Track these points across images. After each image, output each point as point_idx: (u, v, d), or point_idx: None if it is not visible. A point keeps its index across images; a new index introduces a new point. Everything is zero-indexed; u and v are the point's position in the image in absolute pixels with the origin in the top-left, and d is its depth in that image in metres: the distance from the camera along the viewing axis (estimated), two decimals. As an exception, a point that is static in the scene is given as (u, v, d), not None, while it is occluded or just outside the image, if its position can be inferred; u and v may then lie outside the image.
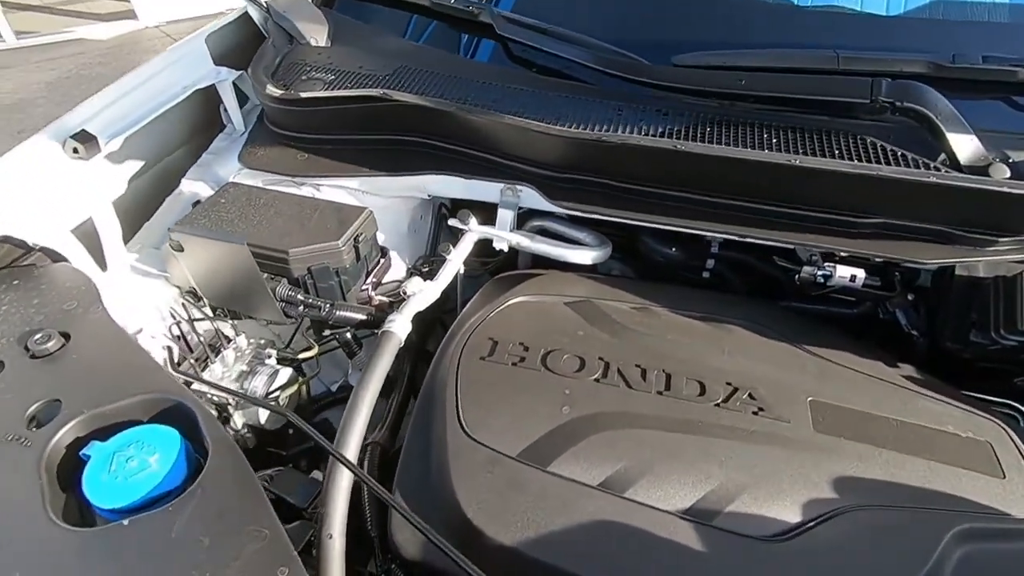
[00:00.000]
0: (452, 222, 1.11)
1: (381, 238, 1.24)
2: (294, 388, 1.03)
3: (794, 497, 0.74)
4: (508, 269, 1.25)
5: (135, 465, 0.63)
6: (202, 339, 1.04)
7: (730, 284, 1.27)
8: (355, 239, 1.00)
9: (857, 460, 0.78)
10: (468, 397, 0.88)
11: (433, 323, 1.18)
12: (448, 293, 1.11)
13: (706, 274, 1.29)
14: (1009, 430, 0.83)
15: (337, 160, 1.15)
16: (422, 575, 0.76)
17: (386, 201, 1.24)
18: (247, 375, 1.00)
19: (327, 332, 1.08)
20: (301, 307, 0.99)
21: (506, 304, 1.05)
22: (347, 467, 0.74)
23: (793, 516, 0.73)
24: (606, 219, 1.09)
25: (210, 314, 1.07)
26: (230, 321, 1.08)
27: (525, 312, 1.04)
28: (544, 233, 1.23)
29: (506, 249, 1.16)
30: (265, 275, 0.99)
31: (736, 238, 1.00)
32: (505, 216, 1.14)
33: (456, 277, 1.29)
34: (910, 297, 1.01)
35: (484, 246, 1.25)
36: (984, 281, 0.89)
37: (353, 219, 1.01)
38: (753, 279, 1.26)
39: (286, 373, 1.04)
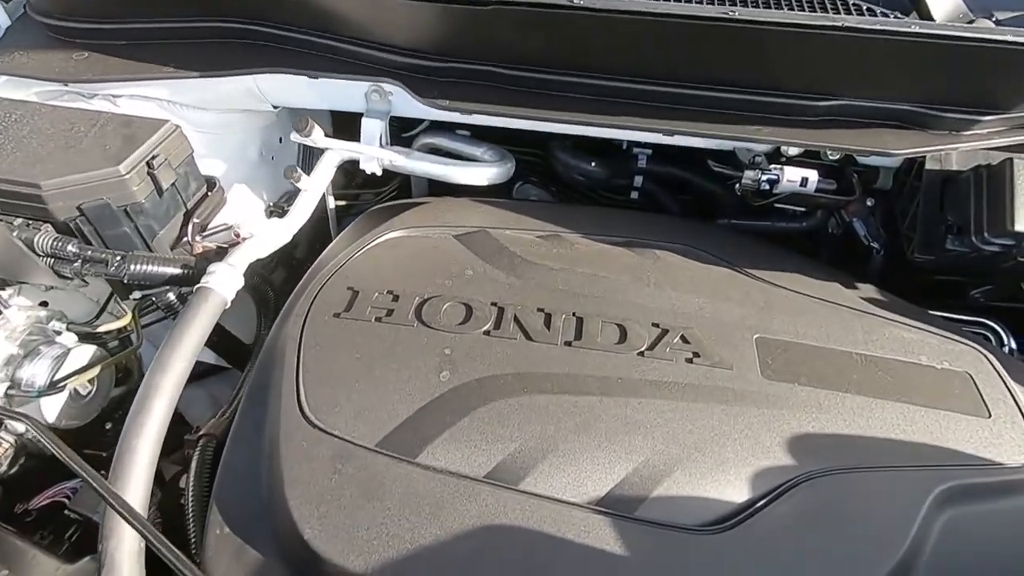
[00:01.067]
0: (294, 136, 0.84)
1: (216, 167, 0.95)
2: (98, 370, 0.77)
3: (740, 469, 0.56)
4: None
5: None
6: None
7: (664, 205, 1.06)
8: (149, 164, 0.72)
9: (816, 411, 0.61)
10: (314, 369, 0.65)
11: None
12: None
13: (635, 194, 1.08)
14: (988, 354, 0.67)
15: (133, 59, 0.84)
16: None
17: (220, 117, 0.95)
18: (18, 359, 0.73)
19: (137, 295, 0.81)
20: (78, 263, 0.71)
21: (375, 242, 0.80)
22: (122, 515, 0.50)
23: (739, 494, 0.55)
24: (498, 123, 0.85)
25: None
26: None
27: (400, 251, 0.80)
28: (438, 153, 0.98)
29: (377, 171, 0.90)
30: (19, 221, 0.71)
31: (660, 137, 0.78)
32: (372, 128, 0.87)
33: (329, 214, 1.02)
34: (869, 203, 0.83)
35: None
36: (961, 175, 0.71)
37: (145, 136, 0.72)
38: (689, 197, 1.06)
39: (86, 352, 0.77)
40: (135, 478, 0.56)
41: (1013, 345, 0.77)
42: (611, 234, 0.82)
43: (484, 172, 0.89)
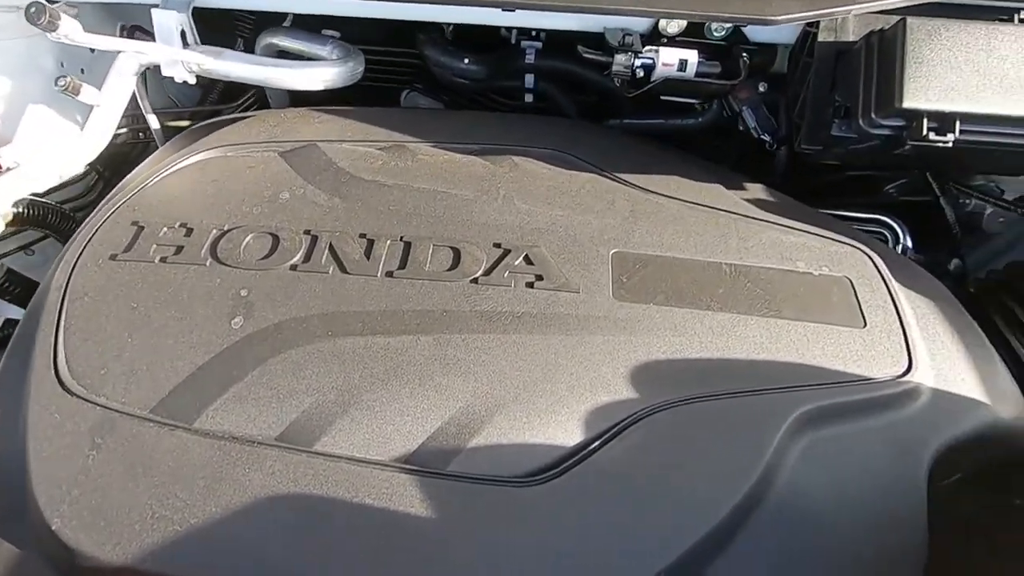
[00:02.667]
0: (52, 36, 0.67)
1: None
2: None
3: (574, 408, 0.48)
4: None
5: None
6: None
7: (562, 108, 0.93)
8: None
9: (671, 334, 0.52)
10: (78, 324, 0.53)
11: None
12: None
13: (530, 97, 0.95)
14: (874, 255, 0.59)
15: None
16: None
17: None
18: None
19: None
20: None
21: (178, 166, 0.67)
22: None
23: (570, 437, 0.47)
24: (341, 13, 0.69)
25: None
26: None
27: (207, 175, 0.66)
28: (285, 57, 0.82)
29: (187, 78, 0.74)
30: None
31: (500, 15, 0.65)
32: (167, 21, 0.70)
33: (155, 137, 0.86)
34: (761, 88, 0.72)
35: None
36: (854, 46, 0.60)
37: None
38: (590, 98, 0.93)
39: None
40: None
41: (909, 243, 0.70)
42: (469, 141, 0.69)
43: (318, 73, 0.74)
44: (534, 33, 0.85)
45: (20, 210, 0.69)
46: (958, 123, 0.54)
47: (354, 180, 0.63)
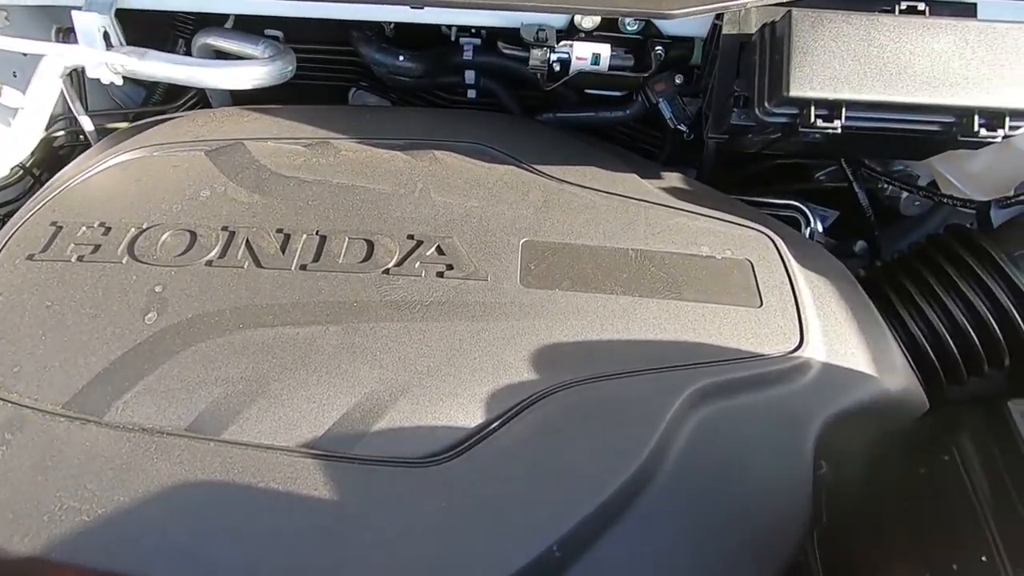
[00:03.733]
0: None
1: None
2: None
3: (476, 390, 0.50)
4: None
5: None
6: None
7: (504, 104, 0.95)
8: None
9: (574, 317, 0.55)
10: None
11: None
12: None
13: (472, 93, 0.96)
14: (777, 239, 0.62)
15: None
16: None
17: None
18: None
19: None
20: None
21: (102, 167, 0.67)
22: None
23: (472, 419, 0.49)
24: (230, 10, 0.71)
25: None
26: None
27: (130, 174, 0.67)
28: (220, 57, 0.82)
29: (112, 79, 0.75)
30: None
31: (408, 12, 0.66)
32: (88, 23, 0.71)
33: (89, 138, 0.87)
34: (678, 80, 0.74)
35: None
36: (753, 37, 0.63)
37: None
38: (533, 93, 0.95)
39: None
40: None
41: (818, 227, 0.73)
42: (394, 136, 0.71)
43: (245, 72, 0.75)
44: (473, 30, 0.87)
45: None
46: (844, 110, 0.56)
47: (275, 176, 0.65)
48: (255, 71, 0.76)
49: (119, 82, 0.75)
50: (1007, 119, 0.55)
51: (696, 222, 0.63)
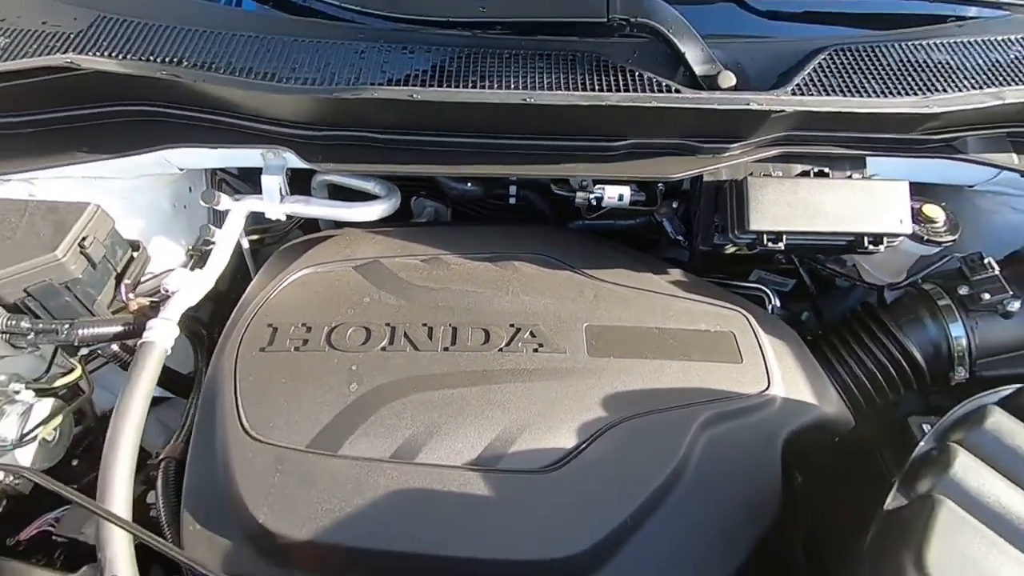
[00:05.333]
0: (203, 203, 0.99)
1: (136, 226, 1.08)
2: (60, 419, 0.91)
3: (569, 424, 0.80)
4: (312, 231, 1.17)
5: None
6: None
7: (536, 207, 1.28)
8: (80, 244, 0.85)
9: (623, 375, 0.85)
10: (249, 395, 0.83)
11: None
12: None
13: (513, 200, 1.29)
14: (750, 316, 0.94)
15: (44, 145, 0.95)
16: None
17: (133, 183, 1.07)
18: (-10, 422, 0.86)
19: (84, 352, 0.95)
20: (31, 335, 0.85)
21: (287, 282, 0.98)
22: (114, 523, 0.68)
23: (568, 442, 0.79)
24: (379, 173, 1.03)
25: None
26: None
27: (308, 286, 0.98)
28: (334, 188, 1.15)
29: (282, 218, 1.07)
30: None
31: (501, 175, 1.00)
32: (271, 184, 1.03)
33: (244, 256, 1.18)
34: (674, 205, 1.08)
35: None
36: (724, 185, 0.96)
37: (72, 221, 0.86)
38: (558, 198, 1.29)
39: (46, 405, 0.91)
40: (118, 496, 0.73)
41: (777, 303, 1.06)
42: (481, 251, 1.03)
43: (373, 210, 1.08)
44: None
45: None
46: (785, 236, 0.90)
47: (411, 287, 0.96)
48: (381, 207, 1.09)
49: (284, 219, 1.07)
50: (884, 238, 0.89)
51: (695, 306, 0.95)
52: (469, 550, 0.73)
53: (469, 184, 1.22)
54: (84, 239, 0.86)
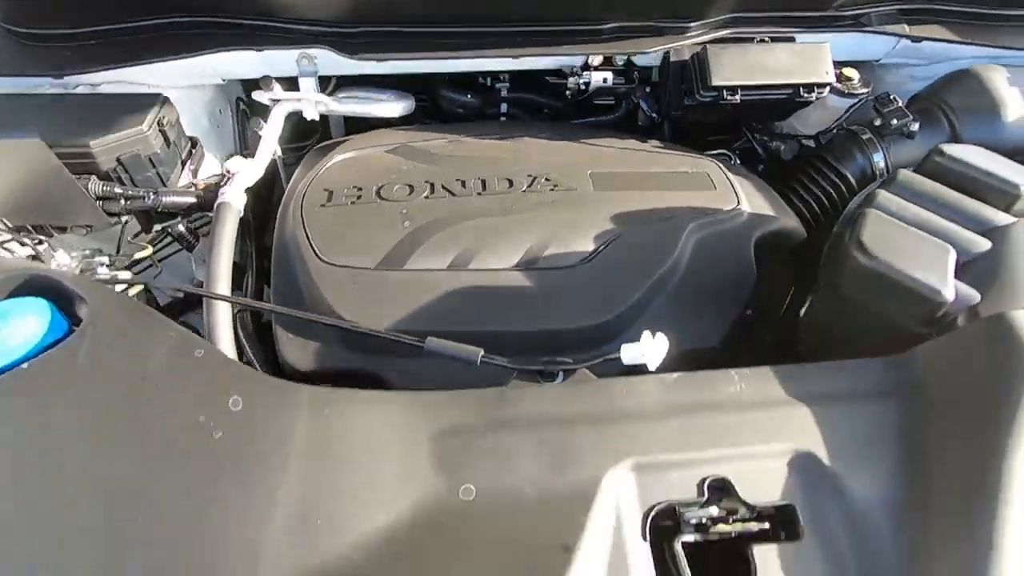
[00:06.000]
0: (256, 95, 1.14)
1: (185, 128, 1.22)
2: (136, 292, 1.04)
3: (586, 236, 1.00)
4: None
5: (9, 334, 0.65)
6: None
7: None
8: (159, 123, 1.00)
9: (624, 202, 1.05)
10: (317, 234, 0.99)
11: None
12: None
13: (503, 118, 1.49)
14: (720, 164, 1.16)
15: (106, 53, 1.09)
16: (318, 380, 0.89)
17: (177, 93, 1.21)
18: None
19: (157, 228, 1.08)
20: (123, 200, 0.98)
21: (331, 162, 1.14)
22: (222, 299, 0.83)
23: (587, 248, 0.98)
24: (403, 71, 1.21)
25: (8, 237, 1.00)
26: (38, 240, 1.02)
27: (350, 165, 1.14)
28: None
29: (316, 117, 1.23)
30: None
31: (511, 62, 1.19)
32: (307, 84, 1.19)
33: (277, 163, 1.32)
34: (647, 89, 1.30)
35: (293, 132, 1.31)
36: (688, 61, 1.19)
37: (151, 104, 1.00)
38: (540, 115, 1.49)
39: (124, 278, 1.04)
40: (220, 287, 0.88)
41: (737, 162, 1.29)
42: (493, 135, 1.22)
43: (396, 106, 1.25)
44: (503, 78, 1.40)
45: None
46: (740, 91, 1.12)
47: (441, 157, 1.13)
48: (400, 104, 1.26)
49: (316, 117, 1.23)
50: (815, 88, 1.13)
51: (675, 157, 1.17)
52: (520, 325, 0.91)
53: (469, 96, 1.41)
54: (163, 120, 1.00)
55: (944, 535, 0.58)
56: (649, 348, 0.70)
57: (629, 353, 0.72)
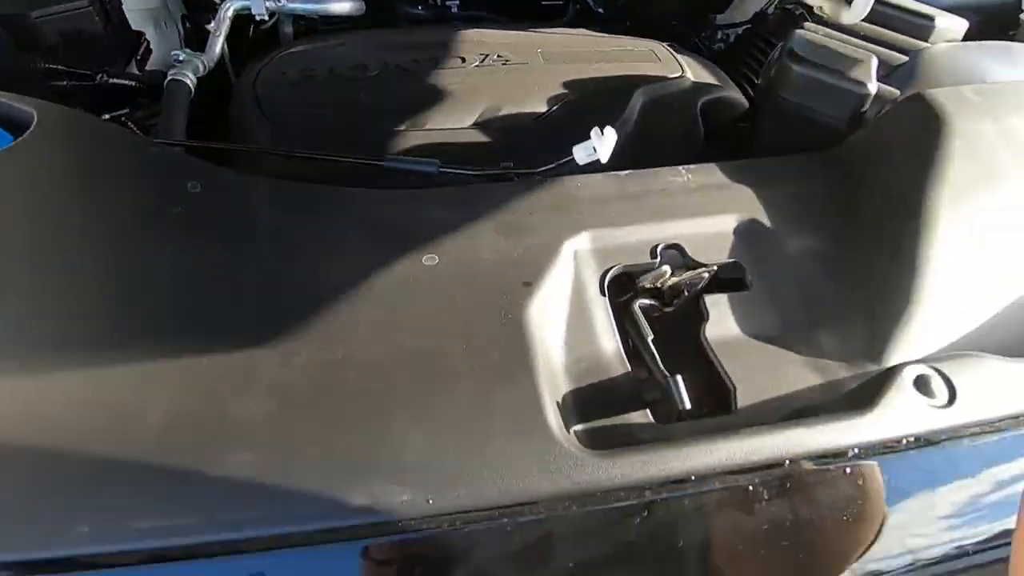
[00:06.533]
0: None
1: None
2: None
3: (540, 99, 1.03)
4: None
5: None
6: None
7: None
8: (102, 2, 0.98)
9: (575, 73, 1.09)
10: (270, 105, 1.00)
11: None
12: None
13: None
14: (664, 44, 1.21)
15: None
16: None
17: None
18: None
19: (105, 117, 1.06)
20: (66, 82, 0.96)
21: (280, 54, 1.14)
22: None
23: (541, 109, 1.01)
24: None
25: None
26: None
27: (302, 54, 1.14)
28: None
29: (265, 15, 1.22)
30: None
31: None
32: (255, -18, 1.19)
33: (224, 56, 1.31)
34: (592, -12, 1.35)
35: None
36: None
37: (90, -20, 0.98)
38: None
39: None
40: None
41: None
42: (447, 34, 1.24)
43: (345, 5, 1.26)
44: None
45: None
46: (678, -30, 1.18)
47: (391, 42, 1.15)
48: (353, 4, 1.27)
49: (266, 16, 1.23)
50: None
51: (621, 40, 1.21)
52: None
53: (420, 8, 1.43)
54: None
55: (874, 272, 0.63)
56: (599, 142, 0.74)
57: (581, 152, 0.75)
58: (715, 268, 0.63)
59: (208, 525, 0.38)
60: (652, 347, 0.58)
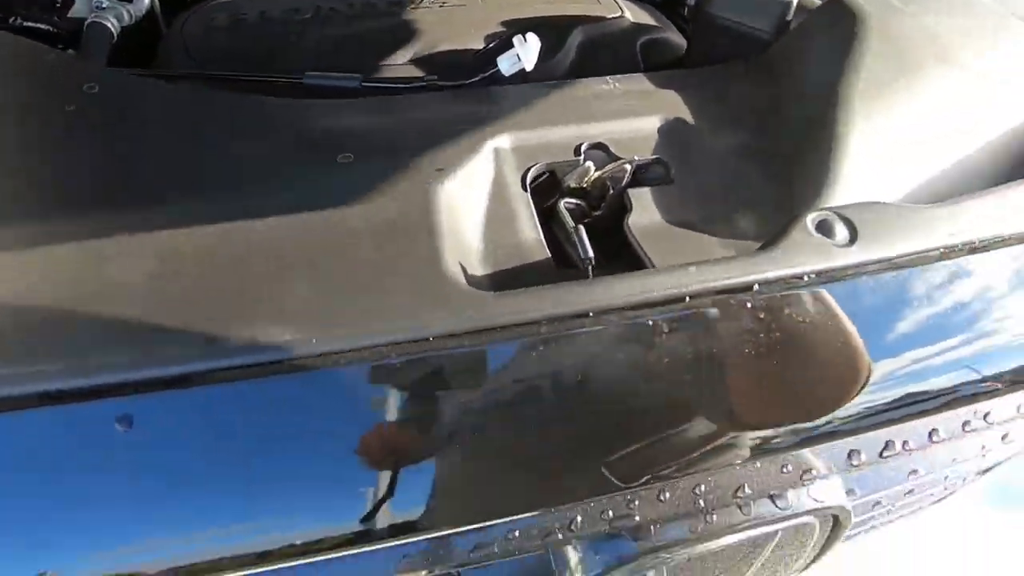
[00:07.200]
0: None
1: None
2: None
3: (478, 38, 1.02)
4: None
5: None
6: None
7: None
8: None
9: (516, 13, 1.08)
10: (200, 49, 0.96)
11: None
12: None
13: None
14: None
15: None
16: None
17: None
18: None
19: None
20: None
21: (209, 6, 1.11)
22: None
23: (480, 46, 1.00)
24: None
25: None
26: None
27: (230, 3, 1.11)
28: None
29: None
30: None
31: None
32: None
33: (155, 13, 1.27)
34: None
35: None
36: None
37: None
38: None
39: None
40: None
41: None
42: None
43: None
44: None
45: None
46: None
47: None
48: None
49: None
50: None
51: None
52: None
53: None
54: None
55: (794, 160, 0.63)
56: (523, 48, 0.73)
57: (506, 62, 0.74)
58: (637, 159, 0.63)
59: (74, 370, 0.36)
60: (574, 234, 0.57)
